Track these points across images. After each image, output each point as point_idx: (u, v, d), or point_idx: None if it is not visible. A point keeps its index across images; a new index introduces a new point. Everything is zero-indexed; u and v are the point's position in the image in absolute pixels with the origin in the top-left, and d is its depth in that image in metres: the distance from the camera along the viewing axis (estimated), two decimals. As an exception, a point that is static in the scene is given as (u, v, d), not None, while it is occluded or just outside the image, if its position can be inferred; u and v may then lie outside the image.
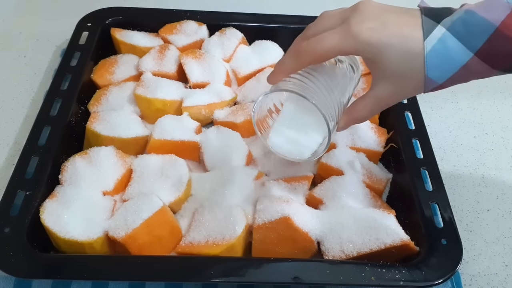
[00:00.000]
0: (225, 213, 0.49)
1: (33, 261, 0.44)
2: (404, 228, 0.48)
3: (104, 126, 0.57)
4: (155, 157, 0.54)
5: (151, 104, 0.60)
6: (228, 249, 0.47)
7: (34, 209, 0.48)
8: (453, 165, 0.62)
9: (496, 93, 0.73)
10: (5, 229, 0.46)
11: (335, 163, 0.55)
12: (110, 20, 0.70)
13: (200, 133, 0.58)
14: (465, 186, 0.60)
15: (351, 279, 0.44)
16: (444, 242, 0.47)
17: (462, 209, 0.57)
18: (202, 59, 0.66)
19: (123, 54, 0.68)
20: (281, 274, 0.44)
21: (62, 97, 0.59)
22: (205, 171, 0.57)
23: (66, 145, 0.55)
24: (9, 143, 0.61)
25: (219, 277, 0.43)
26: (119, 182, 0.53)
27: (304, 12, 0.74)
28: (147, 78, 0.62)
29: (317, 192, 0.53)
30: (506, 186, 0.60)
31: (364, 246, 0.47)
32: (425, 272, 0.44)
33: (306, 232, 0.48)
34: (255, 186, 0.53)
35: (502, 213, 0.57)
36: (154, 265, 0.44)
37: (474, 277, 0.51)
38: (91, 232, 0.47)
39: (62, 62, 0.63)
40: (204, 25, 0.71)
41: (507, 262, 0.53)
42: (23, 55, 0.73)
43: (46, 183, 0.50)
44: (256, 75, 0.67)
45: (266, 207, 0.49)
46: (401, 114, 0.60)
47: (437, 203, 0.50)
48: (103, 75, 0.65)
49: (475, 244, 0.54)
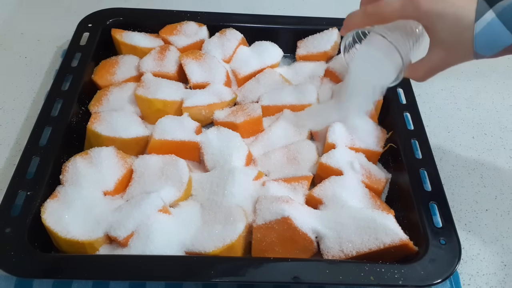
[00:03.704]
0: (225, 213, 0.50)
1: (34, 261, 0.44)
2: (403, 228, 0.48)
3: (105, 126, 0.57)
4: (156, 158, 0.55)
5: (151, 105, 0.60)
6: (228, 249, 0.47)
7: (35, 209, 0.48)
8: (452, 165, 0.62)
9: (495, 93, 0.73)
10: (6, 229, 0.46)
11: (335, 163, 0.55)
12: (111, 21, 0.70)
13: (200, 134, 0.59)
14: (464, 186, 0.60)
15: (351, 278, 0.44)
16: (443, 242, 0.47)
17: (460, 209, 0.58)
18: (202, 60, 0.66)
19: (123, 55, 0.69)
20: (281, 274, 0.44)
21: (63, 97, 0.59)
22: (205, 171, 0.57)
23: (67, 146, 0.56)
24: (10, 143, 0.61)
25: (219, 277, 0.44)
26: (120, 182, 0.53)
27: (304, 12, 0.74)
28: (148, 79, 0.63)
29: (317, 192, 0.53)
30: (504, 186, 0.60)
31: (363, 246, 0.47)
32: (424, 272, 0.45)
33: (305, 232, 0.48)
34: (255, 186, 0.53)
35: (501, 213, 0.57)
36: (154, 265, 0.44)
37: (473, 277, 0.51)
38: (92, 232, 0.47)
39: (63, 62, 0.64)
40: (204, 26, 0.71)
41: (505, 262, 0.53)
42: (24, 55, 0.73)
43: (47, 183, 0.50)
44: (256, 76, 0.68)
45: (266, 207, 0.49)
46: (400, 114, 0.60)
47: (436, 203, 0.51)
48: (103, 76, 0.65)
49: (473, 244, 0.54)
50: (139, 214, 0.48)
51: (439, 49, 0.47)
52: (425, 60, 0.49)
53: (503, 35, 0.43)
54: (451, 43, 0.45)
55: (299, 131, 0.61)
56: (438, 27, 0.45)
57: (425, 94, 0.71)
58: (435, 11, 0.44)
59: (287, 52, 0.72)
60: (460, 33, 0.44)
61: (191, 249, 0.48)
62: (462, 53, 0.46)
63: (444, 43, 0.46)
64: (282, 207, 0.49)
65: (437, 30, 0.45)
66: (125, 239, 0.47)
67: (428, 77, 0.50)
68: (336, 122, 0.59)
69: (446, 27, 0.44)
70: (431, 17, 0.45)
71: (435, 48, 0.47)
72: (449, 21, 0.44)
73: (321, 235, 0.49)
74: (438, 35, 0.46)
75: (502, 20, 0.43)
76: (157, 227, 0.48)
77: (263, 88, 0.66)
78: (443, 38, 0.46)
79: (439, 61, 0.48)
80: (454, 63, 0.48)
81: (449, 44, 0.46)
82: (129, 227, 0.47)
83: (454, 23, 0.44)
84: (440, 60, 0.48)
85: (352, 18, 0.50)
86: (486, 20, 0.43)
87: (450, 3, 0.44)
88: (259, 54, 0.69)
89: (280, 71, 0.69)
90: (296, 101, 0.64)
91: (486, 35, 0.43)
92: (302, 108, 0.63)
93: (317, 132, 0.61)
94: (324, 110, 0.62)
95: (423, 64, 0.49)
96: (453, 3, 0.44)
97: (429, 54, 0.48)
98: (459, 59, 0.47)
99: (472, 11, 0.43)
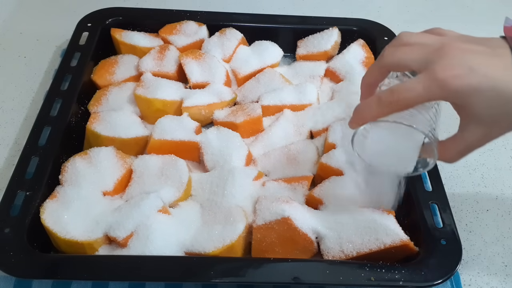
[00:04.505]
0: (225, 214, 0.50)
1: (33, 261, 0.44)
2: (403, 228, 0.48)
3: (104, 126, 0.57)
4: (155, 158, 0.55)
5: (151, 105, 0.60)
6: (228, 249, 0.47)
7: (34, 209, 0.48)
8: (453, 165, 0.62)
9: (496, 93, 0.73)
10: (5, 229, 0.46)
11: (335, 163, 0.55)
12: (110, 21, 0.70)
13: (200, 134, 0.58)
14: (465, 187, 0.60)
15: (351, 279, 0.44)
16: (444, 242, 0.47)
17: (461, 209, 0.57)
18: (202, 59, 0.66)
19: (123, 54, 0.69)
20: (281, 274, 0.44)
21: (62, 97, 0.59)
22: (205, 171, 0.57)
23: (66, 146, 0.55)
24: (9, 143, 0.61)
25: (219, 277, 0.44)
26: (119, 182, 0.53)
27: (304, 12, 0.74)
28: (147, 79, 0.63)
29: (317, 192, 0.53)
30: (505, 186, 0.60)
31: (363, 246, 0.47)
32: (424, 272, 0.44)
33: (305, 233, 0.48)
34: (255, 186, 0.53)
35: (502, 213, 0.57)
36: (154, 266, 0.44)
37: (474, 277, 0.51)
38: (91, 232, 0.47)
39: (62, 62, 0.63)
40: (204, 26, 0.71)
41: (506, 262, 0.53)
42: (23, 55, 0.73)
43: (46, 184, 0.50)
44: (256, 76, 0.67)
45: (266, 207, 0.49)
46: (400, 114, 0.60)
47: (437, 203, 0.51)
48: (103, 76, 0.65)
49: (474, 244, 0.54)
50: (138, 215, 0.48)
51: (476, 127, 0.41)
52: (458, 138, 0.43)
53: None
54: (493, 116, 0.40)
55: (299, 131, 0.61)
56: (474, 102, 0.39)
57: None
58: (468, 87, 0.38)
59: (287, 52, 0.72)
60: (504, 104, 0.39)
61: (190, 250, 0.48)
62: (505, 125, 0.41)
63: (484, 119, 0.40)
64: (282, 207, 0.48)
65: (473, 106, 0.39)
66: (124, 239, 0.47)
67: (463, 156, 0.44)
68: (336, 122, 0.59)
69: (484, 101, 0.38)
70: (464, 94, 0.38)
71: (470, 125, 0.41)
72: (488, 96, 0.38)
73: (321, 236, 0.49)
74: (475, 111, 0.40)
75: None
76: (157, 227, 0.47)
77: (263, 88, 0.66)
78: (482, 114, 0.40)
79: (478, 137, 0.42)
80: (496, 137, 0.42)
81: (491, 118, 0.40)
82: (129, 227, 0.47)
83: (493, 97, 0.38)
84: (480, 136, 0.41)
85: (365, 110, 0.42)
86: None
87: (484, 76, 0.38)
88: (259, 54, 0.69)
89: (280, 70, 0.69)
90: (296, 101, 0.63)
91: None
92: (302, 108, 0.63)
93: (317, 132, 0.61)
94: (324, 110, 0.62)
95: (456, 142, 0.43)
96: (487, 75, 0.38)
97: (463, 133, 0.42)
98: (502, 131, 0.41)
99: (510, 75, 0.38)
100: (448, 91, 0.38)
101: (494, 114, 0.39)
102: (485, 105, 0.39)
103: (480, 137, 0.41)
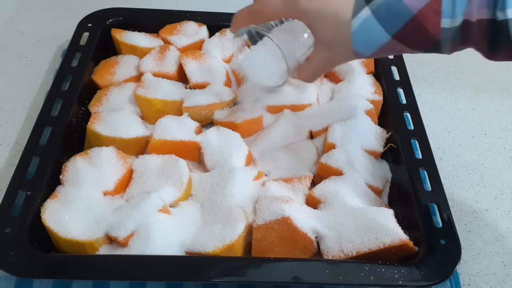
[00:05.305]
0: (225, 213, 0.50)
1: (34, 261, 0.44)
2: (403, 228, 0.48)
3: (105, 126, 0.57)
4: (156, 157, 0.55)
5: (151, 105, 0.60)
6: (228, 249, 0.47)
7: (35, 209, 0.48)
8: (452, 165, 0.62)
9: (495, 93, 0.73)
10: (6, 229, 0.46)
11: (335, 163, 0.55)
12: (111, 21, 0.70)
13: (200, 134, 0.59)
14: (464, 186, 0.60)
15: (351, 278, 0.44)
16: (443, 242, 0.47)
17: (460, 209, 0.58)
18: (202, 59, 0.66)
19: (123, 54, 0.69)
20: (281, 274, 0.44)
21: (63, 97, 0.59)
22: (205, 171, 0.57)
23: (67, 146, 0.56)
24: (10, 143, 0.61)
25: (219, 277, 0.44)
26: (120, 182, 0.53)
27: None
28: (148, 79, 0.63)
29: (317, 192, 0.53)
30: (504, 186, 0.60)
31: (363, 246, 0.47)
32: (424, 272, 0.44)
33: (305, 232, 0.48)
34: (255, 186, 0.53)
35: (501, 213, 0.57)
36: (154, 265, 0.44)
37: (473, 277, 0.51)
38: (92, 232, 0.47)
39: (63, 62, 0.64)
40: (204, 26, 0.71)
41: (505, 261, 0.53)
42: (24, 55, 0.73)
43: (47, 183, 0.50)
44: (256, 76, 0.68)
45: (266, 207, 0.49)
46: (400, 114, 0.60)
47: (436, 203, 0.51)
48: (103, 76, 0.65)
49: (473, 244, 0.54)
50: (139, 214, 0.48)
51: (322, 49, 0.46)
52: (310, 60, 0.48)
53: (378, 33, 0.42)
54: (331, 42, 0.45)
55: (299, 131, 0.61)
56: (318, 25, 0.44)
57: (425, 94, 0.71)
58: (313, 10, 0.44)
59: (287, 52, 0.72)
60: (339, 31, 0.43)
61: (191, 249, 0.48)
62: (343, 52, 0.45)
63: (325, 42, 0.45)
64: (282, 207, 0.49)
65: (318, 29, 0.45)
66: (125, 239, 0.47)
67: (315, 78, 0.50)
68: (336, 122, 0.59)
69: (326, 25, 0.44)
70: (310, 15, 0.44)
71: (318, 47, 0.47)
72: (328, 19, 0.43)
73: (321, 235, 0.49)
74: (319, 34, 0.45)
75: (377, 17, 0.42)
76: (157, 227, 0.48)
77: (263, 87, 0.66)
78: (324, 37, 0.45)
79: (323, 60, 0.47)
80: (338, 63, 0.47)
81: (330, 42, 0.45)
82: (129, 227, 0.47)
83: (333, 21, 0.43)
84: (324, 59, 0.47)
85: (238, 16, 0.49)
86: (362, 17, 0.42)
87: (328, 1, 0.43)
88: (259, 54, 0.69)
89: (280, 71, 0.69)
90: (296, 101, 0.64)
91: (362, 33, 0.43)
92: (302, 108, 0.63)
93: (317, 132, 0.61)
94: (324, 110, 0.62)
95: (309, 65, 0.49)
96: (331, 2, 0.43)
97: (313, 54, 0.48)
98: (341, 58, 0.46)
99: (349, 9, 0.43)
100: (298, 11, 0.44)
101: (334, 38, 0.45)
102: (327, 29, 0.44)
103: (324, 58, 0.47)
